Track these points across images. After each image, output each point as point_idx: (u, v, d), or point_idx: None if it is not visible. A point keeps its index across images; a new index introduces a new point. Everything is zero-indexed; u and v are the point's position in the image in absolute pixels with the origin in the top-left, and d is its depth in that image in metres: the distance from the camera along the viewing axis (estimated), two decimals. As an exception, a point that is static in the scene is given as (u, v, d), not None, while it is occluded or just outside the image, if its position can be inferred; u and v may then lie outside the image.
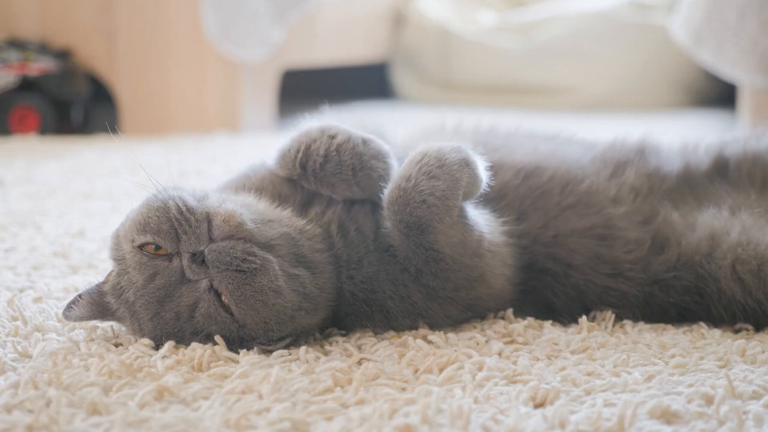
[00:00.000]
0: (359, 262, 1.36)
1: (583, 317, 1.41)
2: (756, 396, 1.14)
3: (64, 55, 3.60)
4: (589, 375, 1.22)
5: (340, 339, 1.35)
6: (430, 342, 1.32)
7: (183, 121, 3.61)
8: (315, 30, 4.02)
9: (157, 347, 1.27)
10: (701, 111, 4.22)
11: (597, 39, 4.38)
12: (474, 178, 1.33)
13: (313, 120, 1.45)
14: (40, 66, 3.49)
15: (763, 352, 1.29)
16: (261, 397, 1.13)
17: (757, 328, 1.43)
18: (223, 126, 3.57)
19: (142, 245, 1.27)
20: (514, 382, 1.20)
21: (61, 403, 1.10)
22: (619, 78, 4.37)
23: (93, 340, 1.33)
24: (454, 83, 4.59)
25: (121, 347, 1.30)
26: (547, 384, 1.17)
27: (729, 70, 3.19)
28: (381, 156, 1.37)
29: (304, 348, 1.28)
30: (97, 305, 1.32)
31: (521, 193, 1.47)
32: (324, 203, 1.39)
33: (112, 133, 3.32)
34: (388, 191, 1.33)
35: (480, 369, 1.23)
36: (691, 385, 1.17)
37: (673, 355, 1.29)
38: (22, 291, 1.58)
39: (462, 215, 1.33)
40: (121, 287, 1.29)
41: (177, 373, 1.19)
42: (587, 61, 4.38)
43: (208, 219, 1.27)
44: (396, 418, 1.08)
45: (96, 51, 3.63)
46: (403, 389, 1.17)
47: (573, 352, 1.31)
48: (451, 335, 1.35)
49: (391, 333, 1.36)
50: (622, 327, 1.42)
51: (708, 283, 1.44)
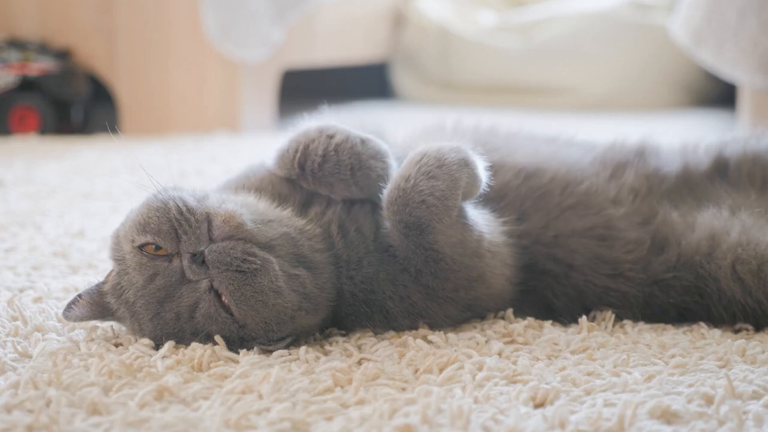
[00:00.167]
0: (359, 263, 1.36)
1: (583, 317, 1.41)
2: (756, 396, 1.14)
3: (64, 55, 3.60)
4: (589, 375, 1.22)
5: (340, 339, 1.35)
6: (430, 342, 1.32)
7: (183, 121, 3.61)
8: (315, 30, 4.02)
9: (157, 347, 1.27)
10: (701, 111, 4.21)
11: (597, 39, 4.38)
12: (473, 178, 1.33)
13: (312, 120, 1.45)
14: (40, 66, 3.48)
15: (763, 352, 1.29)
16: (261, 397, 1.13)
17: (757, 328, 1.43)
18: (223, 126, 3.57)
19: (142, 245, 1.27)
20: (514, 382, 1.20)
21: (61, 403, 1.10)
22: (619, 78, 4.37)
23: (93, 340, 1.33)
24: (454, 83, 4.59)
25: (121, 347, 1.30)
26: (547, 384, 1.17)
27: (729, 70, 3.19)
28: (379, 156, 1.37)
29: (304, 348, 1.28)
30: (97, 305, 1.32)
31: (522, 193, 1.47)
32: (323, 203, 1.39)
33: (112, 133, 3.31)
34: (387, 191, 1.33)
35: (480, 369, 1.23)
36: (691, 385, 1.17)
37: (673, 355, 1.29)
38: (22, 291, 1.58)
39: (461, 215, 1.33)
40: (122, 287, 1.29)
41: (177, 373, 1.19)
42: (587, 61, 4.38)
43: (209, 219, 1.27)
44: (396, 418, 1.08)
45: (96, 51, 3.63)
46: (403, 389, 1.17)
47: (573, 352, 1.31)
48: (451, 335, 1.35)
49: (391, 333, 1.36)
50: (622, 327, 1.42)
51: (708, 283, 1.44)
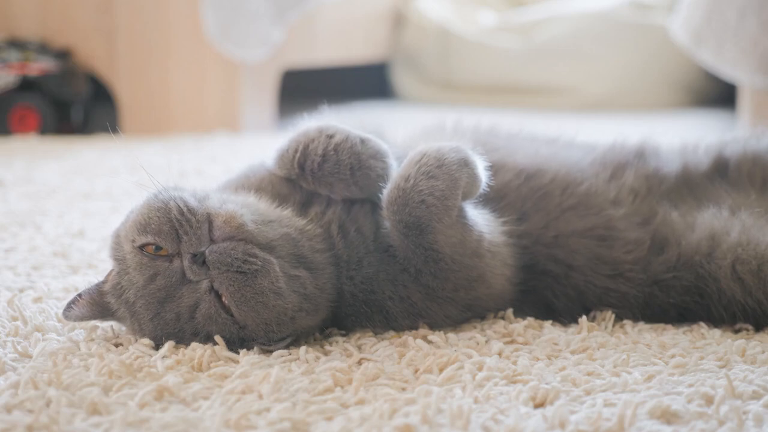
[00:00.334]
0: (359, 263, 1.35)
1: (583, 317, 1.41)
2: (756, 396, 1.14)
3: (64, 55, 3.60)
4: (589, 375, 1.22)
5: (340, 339, 1.35)
6: (430, 342, 1.32)
7: (183, 121, 3.61)
8: (315, 30, 4.02)
9: (157, 347, 1.27)
10: (701, 111, 4.21)
11: (597, 39, 4.38)
12: (473, 177, 1.33)
13: (311, 120, 1.45)
14: (40, 66, 3.48)
15: (763, 352, 1.29)
16: (261, 397, 1.13)
17: (757, 328, 1.43)
18: (223, 126, 3.57)
19: (143, 246, 1.27)
20: (514, 382, 1.20)
21: (61, 403, 1.10)
22: (619, 78, 4.37)
23: (93, 340, 1.33)
24: (454, 83, 4.59)
25: (121, 347, 1.30)
26: (547, 384, 1.17)
27: (729, 70, 3.19)
28: (379, 155, 1.37)
29: (304, 348, 1.28)
30: (97, 305, 1.32)
31: (522, 194, 1.47)
32: (324, 203, 1.39)
33: (112, 133, 3.31)
34: (387, 191, 1.33)
35: (480, 369, 1.23)
36: (691, 385, 1.17)
37: (673, 355, 1.29)
38: (22, 291, 1.58)
39: (461, 215, 1.33)
40: (122, 287, 1.29)
41: (177, 373, 1.19)
42: (587, 61, 4.38)
43: (209, 220, 1.27)
44: (396, 418, 1.08)
45: (96, 51, 3.63)
46: (403, 389, 1.17)
47: (573, 352, 1.31)
48: (451, 335, 1.35)
49: (391, 333, 1.36)
50: (622, 327, 1.42)
51: (708, 283, 1.43)
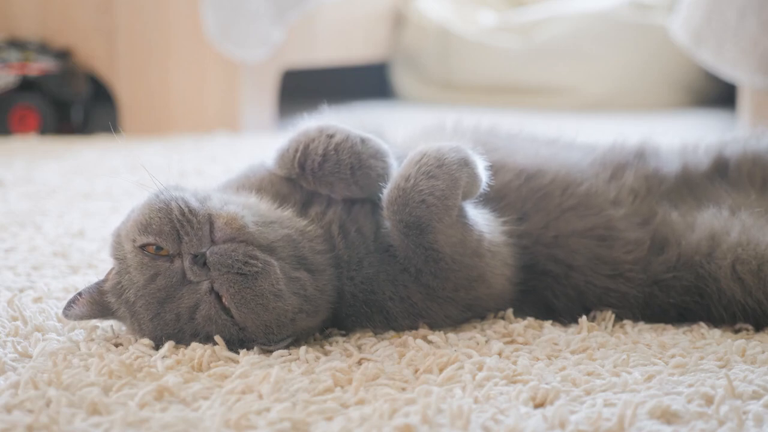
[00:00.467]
0: (359, 263, 1.35)
1: (583, 317, 1.41)
2: (756, 396, 1.14)
3: (64, 55, 3.60)
4: (589, 375, 1.22)
5: (340, 339, 1.35)
6: (430, 342, 1.32)
7: (183, 121, 3.61)
8: (315, 30, 4.02)
9: (157, 347, 1.27)
10: (701, 111, 4.21)
11: (597, 39, 4.38)
12: (473, 177, 1.33)
13: (312, 120, 1.45)
14: (40, 66, 3.48)
15: (763, 352, 1.29)
16: (261, 397, 1.13)
17: (757, 328, 1.43)
18: (223, 126, 3.57)
19: (144, 246, 1.27)
20: (514, 382, 1.20)
21: (61, 403, 1.10)
22: (619, 78, 4.37)
23: (93, 340, 1.33)
24: (454, 83, 4.59)
25: (121, 347, 1.30)
26: (547, 384, 1.17)
27: (729, 70, 3.19)
28: (379, 155, 1.37)
29: (304, 348, 1.28)
30: (97, 304, 1.32)
31: (523, 194, 1.47)
32: (324, 203, 1.39)
33: (112, 133, 3.31)
34: (387, 191, 1.33)
35: (480, 369, 1.23)
36: (691, 385, 1.17)
37: (673, 355, 1.29)
38: (22, 291, 1.58)
39: (462, 215, 1.33)
40: (122, 286, 1.29)
41: (177, 373, 1.19)
42: (587, 61, 4.38)
43: (210, 221, 1.27)
44: (396, 418, 1.08)
45: (96, 51, 3.63)
46: (403, 389, 1.17)
47: (573, 352, 1.31)
48: (451, 335, 1.35)
49: (391, 333, 1.36)
50: (622, 327, 1.42)
51: (708, 283, 1.43)
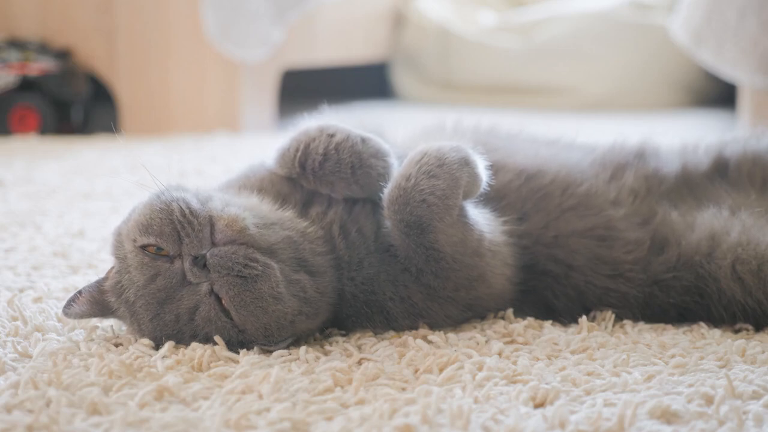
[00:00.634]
0: (360, 264, 1.35)
1: (583, 317, 1.41)
2: (756, 396, 1.14)
3: (64, 55, 3.60)
4: (589, 375, 1.22)
5: (340, 339, 1.35)
6: (430, 342, 1.32)
7: (183, 121, 3.61)
8: (315, 30, 4.02)
9: (157, 347, 1.27)
10: (701, 111, 4.21)
11: (597, 39, 4.38)
12: (474, 177, 1.33)
13: (312, 119, 1.45)
14: (40, 66, 3.48)
15: (763, 352, 1.29)
16: (261, 397, 1.13)
17: (757, 328, 1.43)
18: (223, 126, 3.57)
19: (145, 246, 1.27)
20: (514, 382, 1.20)
21: (61, 403, 1.10)
22: (619, 78, 4.37)
23: (93, 340, 1.33)
24: (454, 83, 4.59)
25: (121, 347, 1.30)
26: (547, 384, 1.17)
27: (729, 70, 3.19)
28: (380, 154, 1.37)
29: (304, 348, 1.28)
30: (97, 303, 1.32)
31: (523, 194, 1.47)
32: (325, 203, 1.39)
33: (112, 133, 3.31)
34: (388, 191, 1.33)
35: (480, 369, 1.23)
36: (691, 385, 1.17)
37: (673, 355, 1.29)
38: (22, 291, 1.58)
39: (462, 214, 1.33)
40: (122, 286, 1.29)
41: (177, 373, 1.19)
42: (587, 61, 4.38)
43: (211, 223, 1.26)
44: (396, 418, 1.08)
45: (96, 51, 3.63)
46: (403, 389, 1.17)
47: (573, 352, 1.31)
48: (451, 335, 1.35)
49: (391, 333, 1.36)
50: (622, 327, 1.42)
51: (708, 283, 1.43)
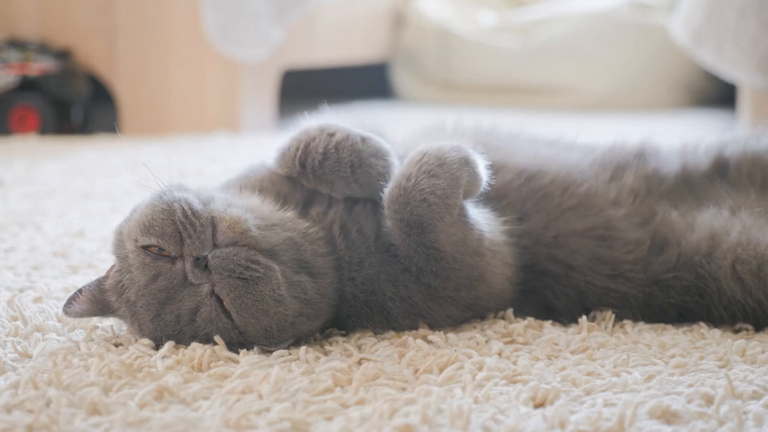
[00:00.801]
0: (360, 264, 1.35)
1: (583, 317, 1.41)
2: (756, 396, 1.14)
3: (64, 55, 3.60)
4: (589, 375, 1.22)
5: (340, 339, 1.35)
6: (430, 342, 1.32)
7: (183, 121, 3.61)
8: (315, 30, 4.02)
9: (157, 347, 1.27)
10: (701, 111, 4.21)
11: (597, 39, 4.38)
12: (474, 176, 1.33)
13: (312, 119, 1.45)
14: (40, 66, 3.48)
15: (763, 352, 1.29)
16: (261, 397, 1.13)
17: (757, 328, 1.43)
18: (223, 126, 3.57)
19: (146, 246, 1.27)
20: (514, 382, 1.20)
21: (61, 403, 1.10)
22: (619, 78, 4.37)
23: (93, 340, 1.33)
24: (454, 83, 4.59)
25: (121, 347, 1.30)
26: (547, 384, 1.17)
27: (729, 70, 3.19)
28: (380, 154, 1.37)
29: (304, 348, 1.28)
30: (97, 302, 1.32)
31: (523, 194, 1.47)
32: (325, 203, 1.39)
33: (112, 133, 3.31)
34: (388, 190, 1.33)
35: (480, 369, 1.23)
36: (691, 385, 1.17)
37: (673, 355, 1.29)
38: (22, 291, 1.58)
39: (462, 214, 1.33)
40: (123, 285, 1.29)
41: (177, 373, 1.19)
42: (587, 61, 4.38)
43: (213, 224, 1.26)
44: (396, 418, 1.08)
45: (96, 51, 3.63)
46: (403, 389, 1.17)
47: (573, 352, 1.31)
48: (451, 335, 1.35)
49: (391, 333, 1.36)
50: (622, 327, 1.42)
51: (708, 283, 1.43)
